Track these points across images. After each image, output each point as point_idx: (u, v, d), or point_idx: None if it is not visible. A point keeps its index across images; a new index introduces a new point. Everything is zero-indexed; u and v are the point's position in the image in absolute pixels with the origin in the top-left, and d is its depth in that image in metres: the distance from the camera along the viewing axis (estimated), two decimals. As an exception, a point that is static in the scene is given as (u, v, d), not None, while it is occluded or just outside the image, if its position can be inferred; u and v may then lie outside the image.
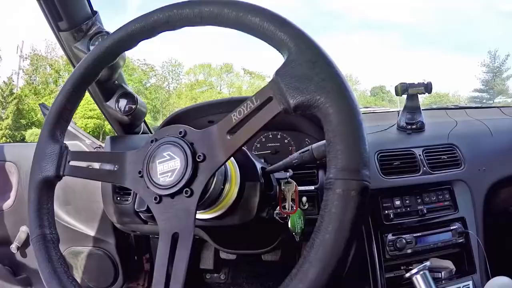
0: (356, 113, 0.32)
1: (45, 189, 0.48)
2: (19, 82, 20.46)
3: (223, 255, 1.30)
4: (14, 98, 18.16)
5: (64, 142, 0.53)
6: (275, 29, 0.36)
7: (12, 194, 1.25)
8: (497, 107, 1.30)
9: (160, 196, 0.40)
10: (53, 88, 21.18)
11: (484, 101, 21.27)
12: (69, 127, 1.27)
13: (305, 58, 0.34)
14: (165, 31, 0.44)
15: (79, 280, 1.30)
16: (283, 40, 0.36)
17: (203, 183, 0.39)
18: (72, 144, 1.15)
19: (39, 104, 1.29)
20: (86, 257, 1.27)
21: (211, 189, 0.44)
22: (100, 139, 1.29)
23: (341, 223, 0.30)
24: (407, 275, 0.55)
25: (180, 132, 0.41)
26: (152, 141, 0.43)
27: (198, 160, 0.39)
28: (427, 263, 0.53)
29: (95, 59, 0.48)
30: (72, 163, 0.48)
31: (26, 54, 21.16)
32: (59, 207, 1.21)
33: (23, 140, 17.00)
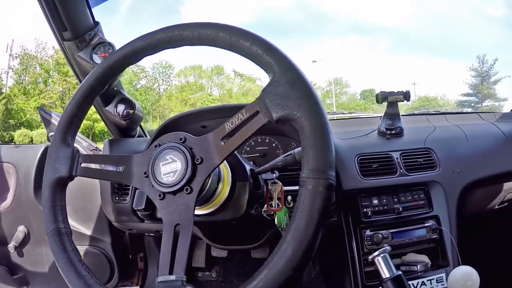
0: (325, 126, 0.40)
1: (58, 188, 0.53)
2: (8, 81, 20.11)
3: (214, 253, 1.36)
4: (3, 98, 17.83)
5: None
6: (262, 53, 0.43)
7: (10, 194, 1.27)
8: (477, 112, 1.37)
9: (164, 193, 0.46)
10: (43, 88, 20.84)
11: (473, 104, 21.55)
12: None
13: (286, 79, 0.41)
14: (167, 48, 0.51)
15: None
16: (269, 63, 0.43)
17: (201, 182, 0.46)
18: None
19: (38, 108, 1.32)
20: (82, 255, 1.30)
21: (207, 187, 0.50)
22: (90, 139, 1.32)
23: (311, 211, 0.38)
24: (370, 257, 0.62)
25: (181, 139, 0.48)
26: (156, 146, 0.49)
27: (197, 162, 0.46)
28: (388, 248, 0.60)
29: (104, 71, 0.54)
30: (84, 164, 0.54)
31: (16, 53, 20.81)
32: None
33: (11, 140, 16.71)
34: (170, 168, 0.46)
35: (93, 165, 0.55)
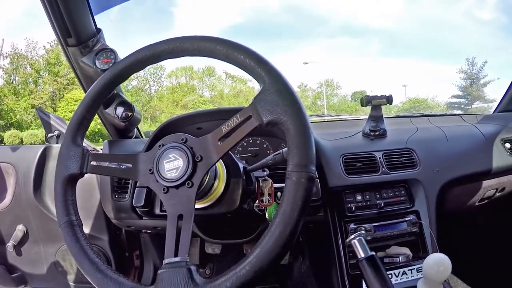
0: (307, 129, 0.46)
1: (70, 184, 0.58)
2: (-2, 81, 19.80)
3: (208, 250, 1.40)
4: (-8, 98, 17.58)
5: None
6: (254, 65, 0.50)
7: (9, 194, 1.29)
8: (459, 114, 1.44)
9: (168, 188, 0.52)
10: (33, 89, 20.58)
11: (462, 106, 21.87)
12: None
13: (275, 88, 0.48)
14: (169, 58, 0.57)
15: (73, 276, 1.37)
16: (261, 74, 0.49)
17: (200, 177, 0.52)
18: None
19: (37, 109, 1.36)
20: (80, 253, 1.35)
21: (205, 183, 0.56)
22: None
23: (295, 199, 0.44)
24: (347, 240, 0.67)
25: (182, 139, 0.54)
26: (159, 146, 0.55)
27: (197, 160, 0.52)
28: (363, 232, 0.66)
29: (111, 78, 0.60)
30: (93, 162, 0.59)
31: (6, 53, 20.48)
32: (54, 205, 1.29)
33: (1, 141, 16.46)
34: (173, 165, 0.52)
35: (101, 163, 0.60)
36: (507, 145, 1.16)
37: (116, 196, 0.96)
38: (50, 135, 1.34)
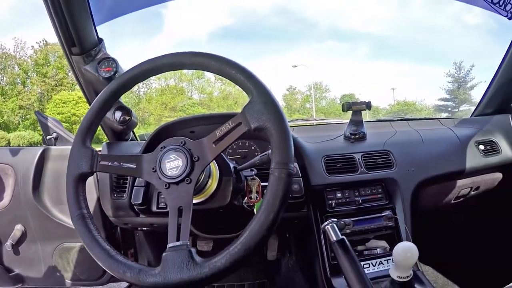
0: (287, 133, 0.56)
1: (81, 181, 0.65)
2: (-15, 82, 19.40)
3: (199, 247, 1.47)
4: (-21, 99, 17.21)
5: (60, 146, 0.67)
6: (244, 79, 0.59)
7: (8, 194, 1.33)
8: (437, 118, 1.53)
9: (169, 184, 0.60)
10: (21, 89, 20.25)
11: (449, 109, 22.25)
12: (63, 134, 1.40)
13: (261, 100, 0.58)
14: (169, 71, 0.65)
15: (71, 274, 1.41)
16: (249, 87, 0.59)
17: (197, 175, 0.60)
18: (66, 149, 1.29)
19: (35, 112, 1.40)
20: (77, 252, 1.39)
21: (201, 180, 0.65)
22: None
23: (277, 190, 0.54)
24: (322, 226, 0.75)
25: (182, 142, 0.62)
26: (161, 148, 0.63)
27: (194, 160, 0.60)
28: (334, 219, 0.74)
29: (117, 87, 0.68)
30: (102, 162, 0.66)
31: (-6, 52, 20.12)
32: (53, 205, 1.33)
33: (-13, 143, 16.11)
34: (174, 164, 0.60)
35: (108, 163, 0.67)
36: (481, 147, 1.25)
37: (115, 195, 1.03)
38: (48, 137, 1.39)
